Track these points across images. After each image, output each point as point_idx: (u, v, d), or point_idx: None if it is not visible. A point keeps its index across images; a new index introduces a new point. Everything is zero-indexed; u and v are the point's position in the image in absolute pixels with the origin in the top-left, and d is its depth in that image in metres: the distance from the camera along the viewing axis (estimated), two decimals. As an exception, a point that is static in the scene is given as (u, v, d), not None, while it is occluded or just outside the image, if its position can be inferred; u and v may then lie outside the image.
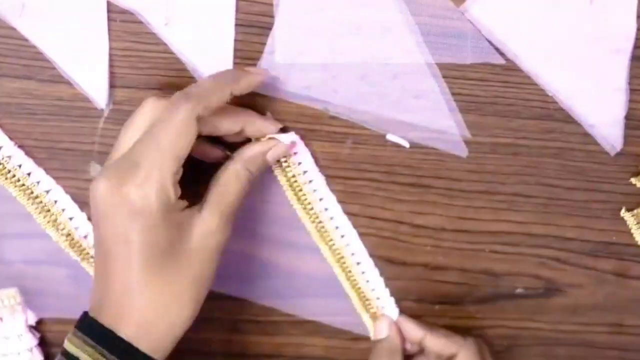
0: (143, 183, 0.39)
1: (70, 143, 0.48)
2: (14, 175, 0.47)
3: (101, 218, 0.41)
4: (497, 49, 0.48)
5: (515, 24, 0.47)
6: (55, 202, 0.48)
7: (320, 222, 0.49)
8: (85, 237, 0.49)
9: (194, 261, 0.42)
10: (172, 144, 0.40)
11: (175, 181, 0.41)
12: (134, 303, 0.40)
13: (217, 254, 0.42)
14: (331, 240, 0.49)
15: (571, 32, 0.47)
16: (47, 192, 0.48)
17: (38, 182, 0.48)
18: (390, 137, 0.49)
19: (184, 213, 0.41)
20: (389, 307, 0.50)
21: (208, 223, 0.42)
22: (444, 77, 0.48)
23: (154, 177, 0.40)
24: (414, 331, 0.49)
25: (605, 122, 0.49)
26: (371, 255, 0.50)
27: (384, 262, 0.50)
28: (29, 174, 0.48)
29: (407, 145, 0.49)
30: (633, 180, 0.49)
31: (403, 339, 0.49)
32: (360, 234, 0.50)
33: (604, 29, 0.47)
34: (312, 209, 0.49)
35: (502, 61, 0.48)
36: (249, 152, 0.45)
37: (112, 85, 0.47)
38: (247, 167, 0.44)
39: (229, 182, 0.44)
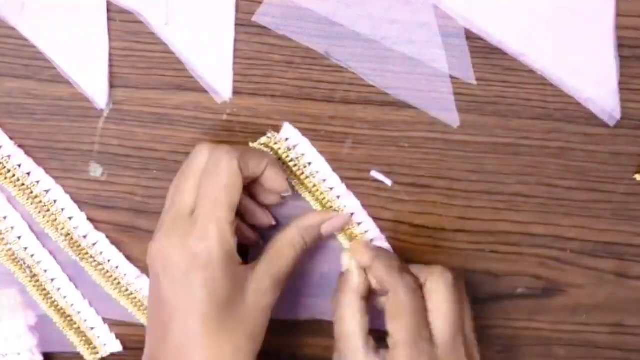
0: (204, 235, 0.41)
1: (70, 143, 0.48)
2: (13, 175, 0.47)
3: (160, 272, 0.41)
4: (479, 38, 0.47)
5: (492, 8, 0.47)
6: (55, 201, 0.48)
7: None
8: (85, 237, 0.49)
9: (249, 318, 0.42)
10: (224, 194, 0.41)
11: (233, 231, 0.42)
12: (193, 356, 0.41)
13: (268, 314, 0.43)
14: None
15: (549, 6, 0.47)
16: (47, 191, 0.48)
17: (38, 182, 0.48)
18: (374, 174, 0.49)
19: (240, 267, 0.42)
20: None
21: (261, 282, 0.43)
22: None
23: (214, 229, 0.41)
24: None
25: (599, 93, 0.48)
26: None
27: (384, 262, 0.50)
28: (28, 174, 0.48)
29: (389, 183, 0.49)
30: (637, 177, 0.49)
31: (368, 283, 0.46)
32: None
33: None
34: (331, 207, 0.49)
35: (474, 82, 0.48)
36: (306, 221, 0.46)
37: (111, 85, 0.47)
38: (302, 235, 0.45)
39: (284, 247, 0.45)
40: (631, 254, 0.51)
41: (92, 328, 0.50)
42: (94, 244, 0.49)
